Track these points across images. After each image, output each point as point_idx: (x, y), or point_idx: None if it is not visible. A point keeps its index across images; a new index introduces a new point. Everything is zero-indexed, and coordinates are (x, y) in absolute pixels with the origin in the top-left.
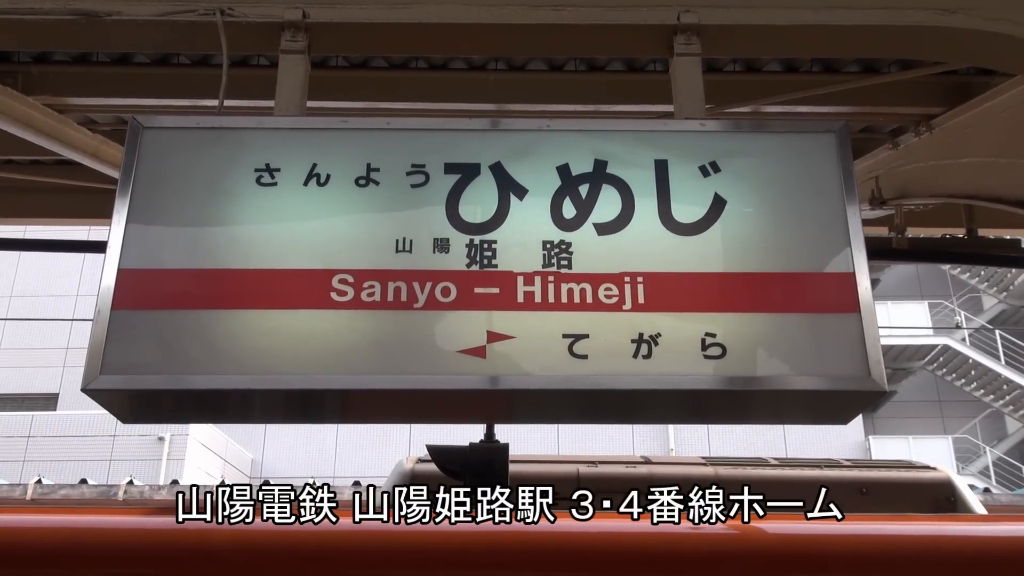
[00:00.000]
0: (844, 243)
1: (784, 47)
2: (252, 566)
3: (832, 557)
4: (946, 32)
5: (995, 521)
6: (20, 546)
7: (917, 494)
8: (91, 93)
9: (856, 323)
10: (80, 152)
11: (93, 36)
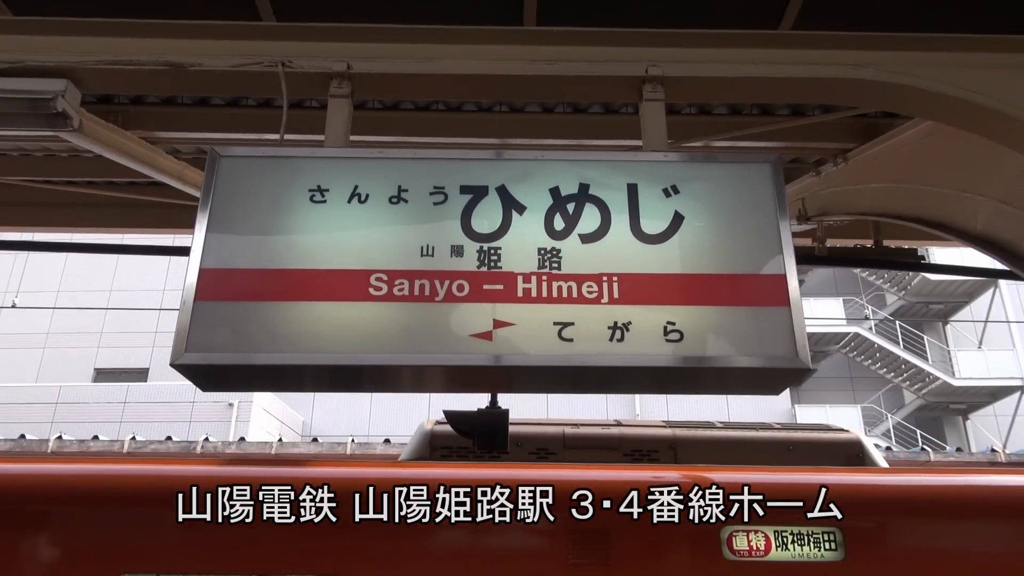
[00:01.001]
0: (777, 250)
1: (730, 94)
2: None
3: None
4: (859, 83)
5: (896, 472)
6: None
7: (833, 451)
8: (176, 128)
9: (787, 315)
10: (168, 175)
11: (178, 82)
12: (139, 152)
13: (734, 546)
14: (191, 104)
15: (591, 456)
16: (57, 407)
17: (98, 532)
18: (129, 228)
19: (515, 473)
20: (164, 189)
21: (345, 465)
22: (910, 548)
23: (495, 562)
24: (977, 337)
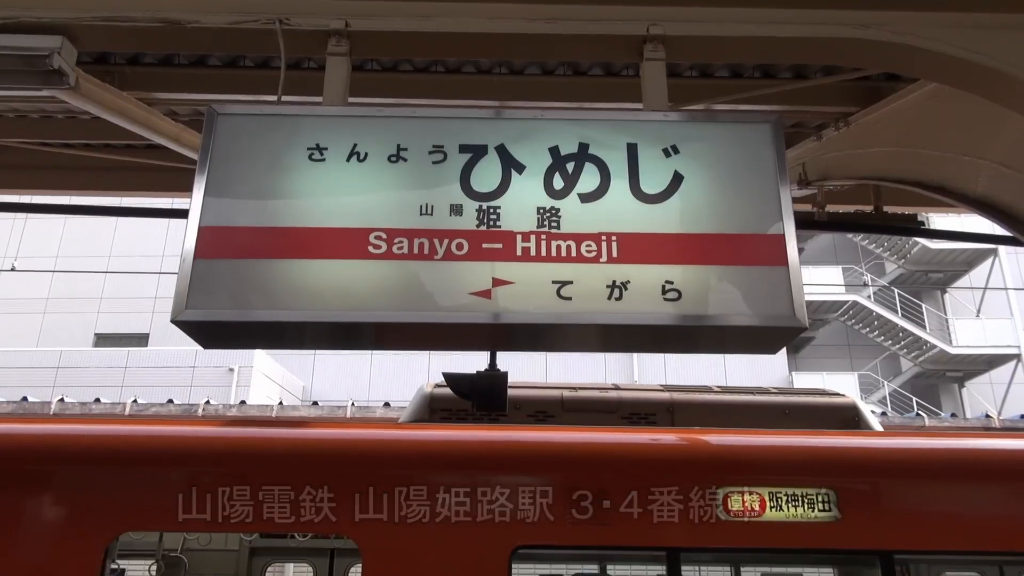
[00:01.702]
0: (776, 210)
1: (732, 54)
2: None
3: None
4: (862, 43)
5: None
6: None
7: (829, 415)
8: (173, 89)
9: (784, 274)
10: (165, 137)
11: (175, 40)
12: (136, 113)
13: (729, 506)
14: (188, 65)
15: (589, 419)
16: (58, 372)
17: (101, 491)
18: (127, 191)
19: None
20: (162, 152)
21: (346, 426)
22: (903, 509)
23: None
24: (975, 306)
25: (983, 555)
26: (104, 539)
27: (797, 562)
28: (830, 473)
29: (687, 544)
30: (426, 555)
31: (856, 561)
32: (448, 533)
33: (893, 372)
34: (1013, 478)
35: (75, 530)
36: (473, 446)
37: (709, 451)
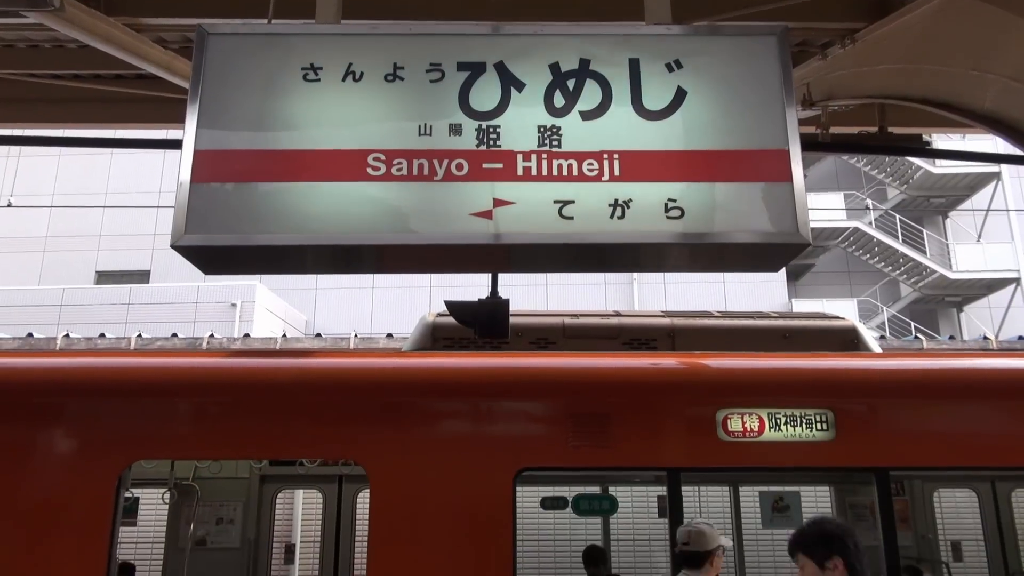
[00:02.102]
0: (781, 125)
1: None
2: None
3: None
4: None
5: (887, 356)
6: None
7: (829, 338)
8: (161, 14)
9: (789, 190)
10: (155, 65)
11: None
12: (124, 40)
13: (729, 427)
14: None
15: (590, 345)
16: (62, 309)
17: (113, 421)
18: (119, 123)
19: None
20: (153, 83)
21: (351, 355)
22: (899, 427)
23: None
24: (976, 231)
25: (975, 470)
26: (117, 468)
27: (795, 480)
28: (828, 394)
29: (687, 464)
30: (432, 479)
31: (852, 478)
32: (453, 458)
33: (892, 298)
34: (1006, 396)
35: (88, 460)
36: (476, 373)
37: (709, 374)
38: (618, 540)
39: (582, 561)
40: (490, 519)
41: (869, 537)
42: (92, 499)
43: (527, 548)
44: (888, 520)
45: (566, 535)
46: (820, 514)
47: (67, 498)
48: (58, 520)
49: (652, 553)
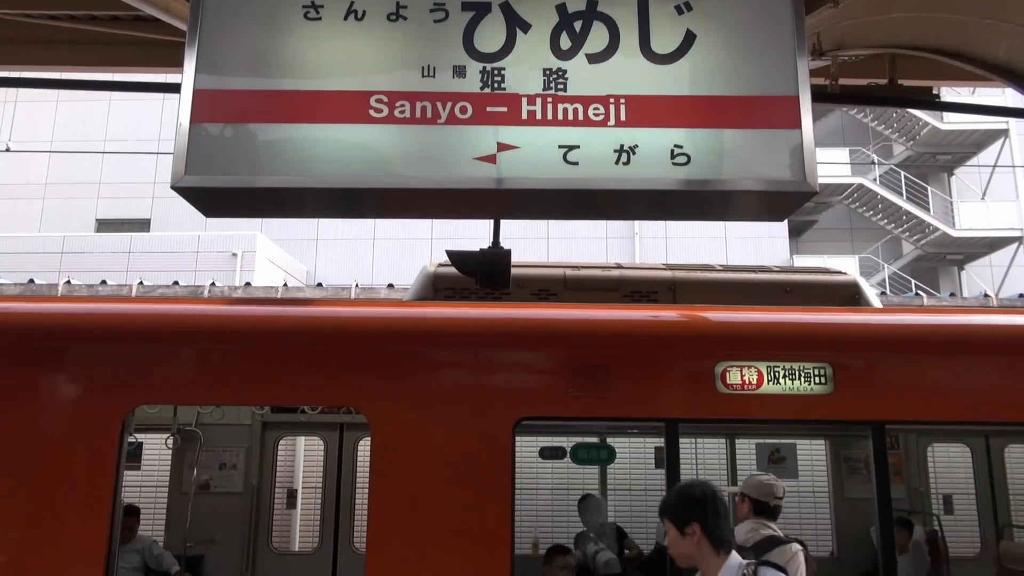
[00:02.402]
0: (791, 71)
1: None
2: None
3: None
4: None
5: (887, 312)
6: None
7: (830, 292)
8: None
9: (797, 137)
10: (151, 6)
11: None
12: None
13: (727, 380)
14: None
15: (592, 297)
16: (63, 257)
17: (116, 366)
18: (116, 67)
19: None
20: (151, 25)
21: (353, 304)
22: (897, 382)
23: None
24: (982, 189)
25: (970, 425)
26: (120, 412)
27: (792, 433)
28: (827, 348)
29: (685, 416)
30: (433, 428)
31: (849, 432)
32: (454, 406)
33: (894, 256)
34: (1004, 352)
35: (93, 404)
36: (477, 323)
37: (708, 327)
38: (615, 490)
39: (577, 509)
40: (489, 467)
41: (863, 489)
42: (96, 443)
43: (525, 497)
44: (882, 473)
45: (564, 484)
46: (691, 479)
47: (72, 442)
48: (63, 464)
49: (648, 502)
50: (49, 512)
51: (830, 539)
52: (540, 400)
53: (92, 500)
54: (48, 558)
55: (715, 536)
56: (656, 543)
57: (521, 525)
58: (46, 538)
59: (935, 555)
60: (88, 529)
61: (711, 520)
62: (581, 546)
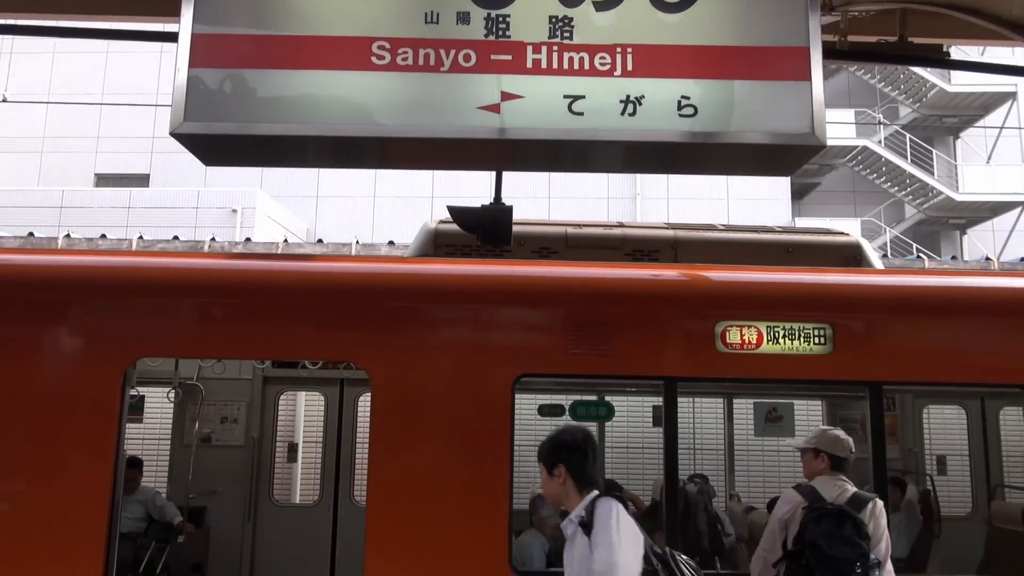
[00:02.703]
0: (802, 22)
1: None
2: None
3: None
4: None
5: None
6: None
7: (833, 253)
8: None
9: (807, 90)
10: None
11: None
12: None
13: (727, 339)
14: None
15: (593, 255)
16: (62, 211)
17: (117, 319)
18: (112, 15)
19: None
20: None
21: (354, 260)
22: (895, 343)
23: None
24: (987, 152)
25: (967, 386)
26: (122, 365)
27: (790, 393)
28: (828, 308)
29: (684, 374)
30: (433, 384)
31: (847, 392)
32: (454, 362)
33: (896, 219)
34: (1003, 315)
35: (95, 357)
36: (478, 279)
37: (709, 286)
38: (612, 448)
39: None
40: (489, 423)
41: (858, 450)
42: (99, 395)
43: (524, 453)
44: (878, 433)
45: None
46: (565, 426)
47: (75, 395)
48: (67, 417)
49: (645, 460)
50: (54, 464)
51: None
52: (540, 357)
53: (95, 451)
54: (54, 508)
55: (579, 477)
56: (652, 499)
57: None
58: (51, 489)
59: (927, 514)
60: (92, 480)
61: (577, 463)
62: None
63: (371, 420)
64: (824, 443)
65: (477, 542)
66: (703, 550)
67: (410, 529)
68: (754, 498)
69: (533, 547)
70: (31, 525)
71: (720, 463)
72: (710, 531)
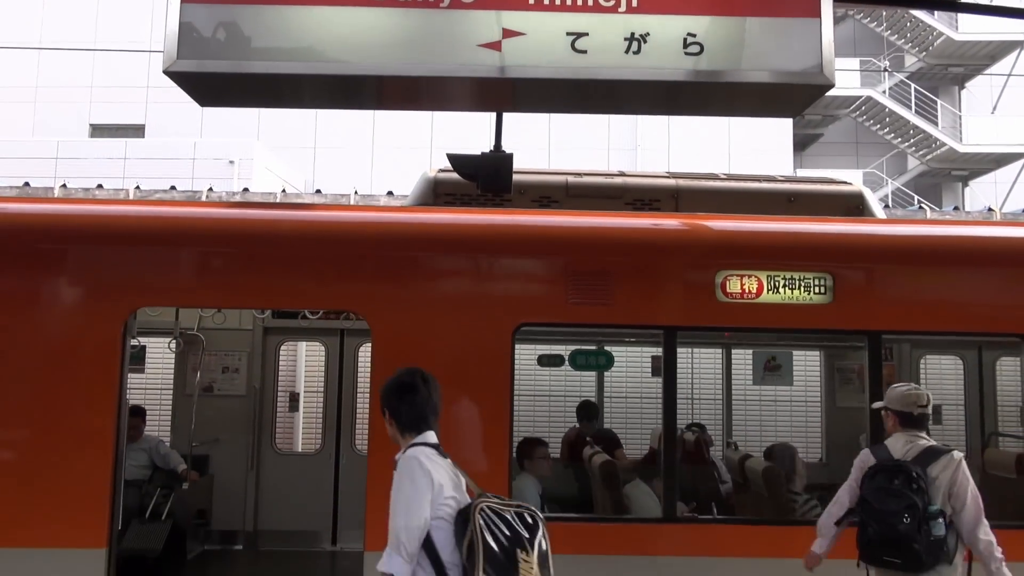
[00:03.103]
0: None
1: None
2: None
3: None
4: None
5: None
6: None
7: (835, 202)
8: None
9: (816, 27)
10: None
11: None
12: None
13: (727, 289)
14: None
15: (594, 205)
16: (57, 162)
17: (116, 268)
18: None
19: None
20: None
21: (354, 209)
22: (895, 293)
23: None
24: (992, 103)
25: (965, 336)
26: (122, 314)
27: (789, 342)
28: (828, 258)
29: (684, 323)
30: (433, 333)
31: (846, 342)
32: (454, 312)
33: (898, 171)
34: (1003, 264)
35: (95, 306)
36: (478, 228)
37: (709, 235)
38: (611, 397)
39: (576, 415)
40: (489, 371)
41: (854, 399)
42: (100, 345)
43: (523, 403)
44: (876, 382)
45: (561, 391)
46: (404, 367)
47: (77, 344)
48: (70, 366)
49: (643, 409)
50: (59, 413)
51: (820, 446)
52: (540, 306)
53: (98, 400)
54: (60, 457)
55: (401, 422)
56: (650, 447)
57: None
58: (57, 438)
59: None
60: (96, 428)
61: (396, 407)
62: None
63: (372, 369)
64: (890, 400)
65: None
66: (699, 496)
67: None
68: (751, 446)
69: (528, 490)
70: (38, 474)
71: (718, 412)
72: (707, 478)
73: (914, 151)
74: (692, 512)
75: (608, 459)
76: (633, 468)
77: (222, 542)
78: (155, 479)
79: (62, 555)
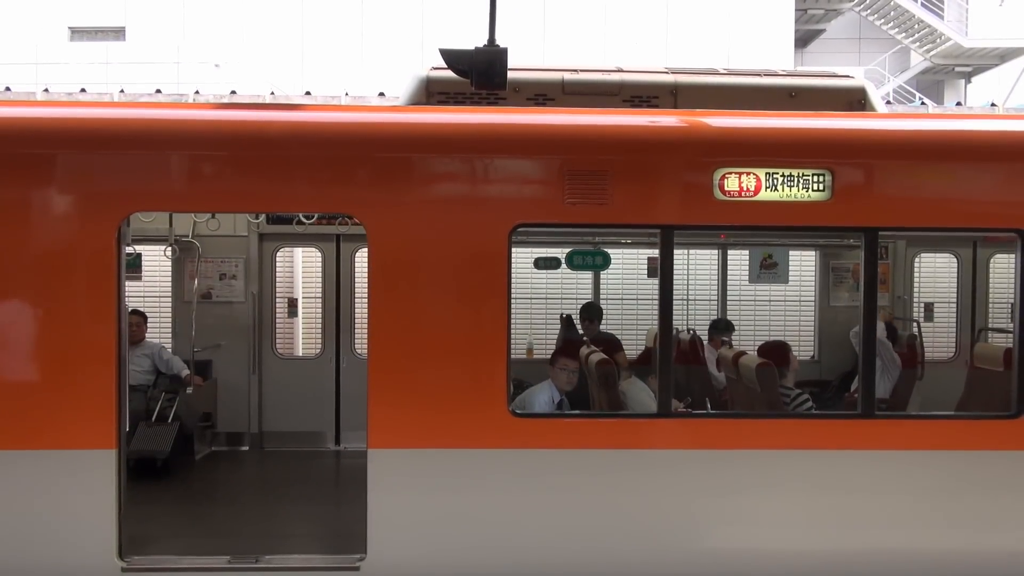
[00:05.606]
0: None
1: None
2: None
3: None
4: None
5: (890, 117)
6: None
7: (837, 97)
8: None
9: None
10: None
11: None
12: None
13: (725, 187)
14: None
15: (590, 102)
16: (38, 68)
17: (107, 174)
18: None
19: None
20: None
21: (346, 109)
22: (893, 189)
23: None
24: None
25: (962, 231)
26: (115, 220)
27: (785, 241)
28: (827, 154)
29: (681, 222)
30: (429, 235)
31: (842, 242)
32: (450, 213)
33: (900, 68)
34: (1005, 159)
35: (87, 212)
36: (473, 127)
37: (707, 132)
38: (607, 300)
39: (579, 315)
40: (486, 273)
41: (847, 299)
42: (95, 252)
43: (520, 305)
44: (871, 280)
45: (557, 294)
46: None
47: (72, 251)
48: (67, 273)
49: (639, 310)
50: (60, 320)
51: (812, 343)
52: (536, 207)
53: (97, 306)
54: (64, 364)
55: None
56: (646, 347)
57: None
58: (61, 345)
59: (911, 358)
60: (98, 334)
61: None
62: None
63: (369, 272)
64: None
65: (476, 389)
66: (693, 393)
67: (411, 378)
68: (744, 343)
69: (542, 394)
70: (44, 381)
71: (714, 313)
72: (700, 376)
73: (918, 46)
74: (687, 408)
75: (604, 358)
76: (628, 367)
77: (228, 444)
78: (159, 384)
79: (73, 456)
